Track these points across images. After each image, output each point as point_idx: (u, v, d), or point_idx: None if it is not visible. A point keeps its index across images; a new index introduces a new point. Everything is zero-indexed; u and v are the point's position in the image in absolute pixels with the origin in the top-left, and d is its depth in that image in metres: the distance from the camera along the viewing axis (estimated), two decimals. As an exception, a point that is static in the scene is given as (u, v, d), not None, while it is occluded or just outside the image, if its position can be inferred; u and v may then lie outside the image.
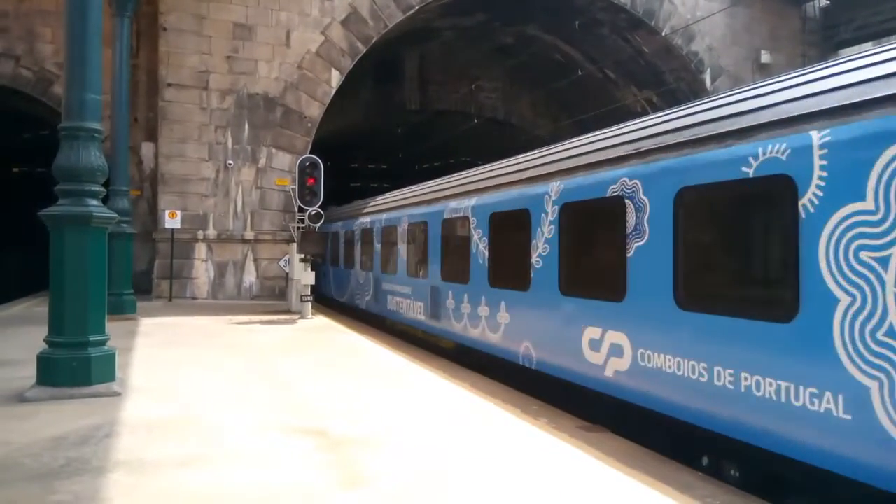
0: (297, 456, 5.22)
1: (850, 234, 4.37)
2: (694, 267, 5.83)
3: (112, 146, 15.37)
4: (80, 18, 7.28)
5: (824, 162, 4.56)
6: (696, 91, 24.08)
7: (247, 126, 20.24)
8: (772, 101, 5.34)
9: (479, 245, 9.84)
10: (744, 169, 5.23)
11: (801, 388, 4.60)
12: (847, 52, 25.18)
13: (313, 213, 16.16)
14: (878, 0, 23.81)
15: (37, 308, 16.00)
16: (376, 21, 21.40)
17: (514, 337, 8.82)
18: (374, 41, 21.48)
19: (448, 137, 31.70)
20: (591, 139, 8.16)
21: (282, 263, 18.41)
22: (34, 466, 4.82)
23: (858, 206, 4.32)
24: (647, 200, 6.32)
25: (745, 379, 5.06)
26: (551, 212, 8.01)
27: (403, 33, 23.93)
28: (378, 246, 15.24)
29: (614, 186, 6.85)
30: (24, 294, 21.18)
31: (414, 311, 12.67)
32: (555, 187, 8.01)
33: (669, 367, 5.84)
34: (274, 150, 20.52)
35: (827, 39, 26.20)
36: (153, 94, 20.12)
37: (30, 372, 7.30)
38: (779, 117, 5.09)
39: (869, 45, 24.75)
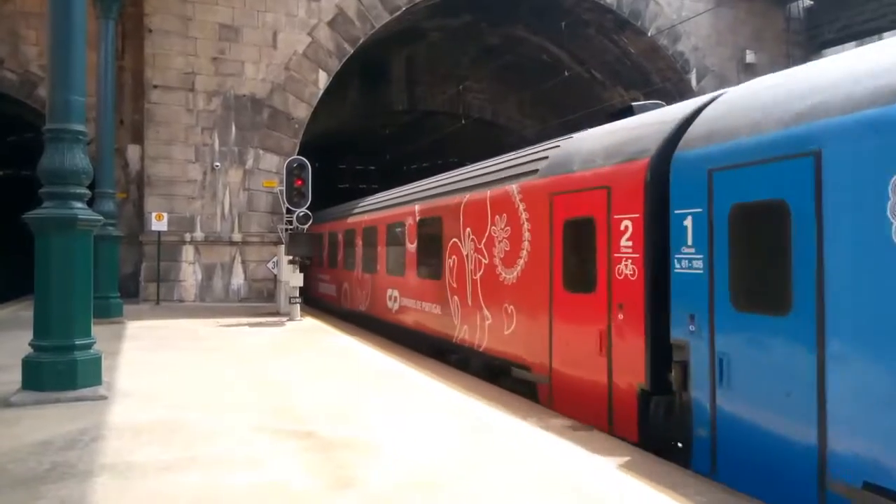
0: (286, 458, 5.21)
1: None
2: None
3: (97, 148, 15.25)
4: (64, 20, 7.24)
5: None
6: (682, 91, 24.20)
7: (234, 128, 20.14)
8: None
9: None
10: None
11: None
12: (831, 52, 25.42)
13: (301, 214, 16.12)
14: (861, 0, 24.03)
15: (22, 312, 15.84)
16: (363, 22, 21.36)
17: None
18: (361, 42, 21.43)
19: (436, 138, 31.72)
20: None
21: (270, 265, 18.35)
22: (19, 471, 4.78)
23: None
24: None
25: None
26: None
27: (390, 34, 23.90)
28: None
29: None
30: (9, 298, 20.97)
31: None
32: None
33: None
34: (261, 152, 20.43)
35: (811, 39, 26.41)
36: (139, 96, 19.99)
37: (15, 376, 7.24)
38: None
39: (852, 44, 25.01)
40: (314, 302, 20.83)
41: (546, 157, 8.54)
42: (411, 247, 12.81)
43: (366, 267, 15.81)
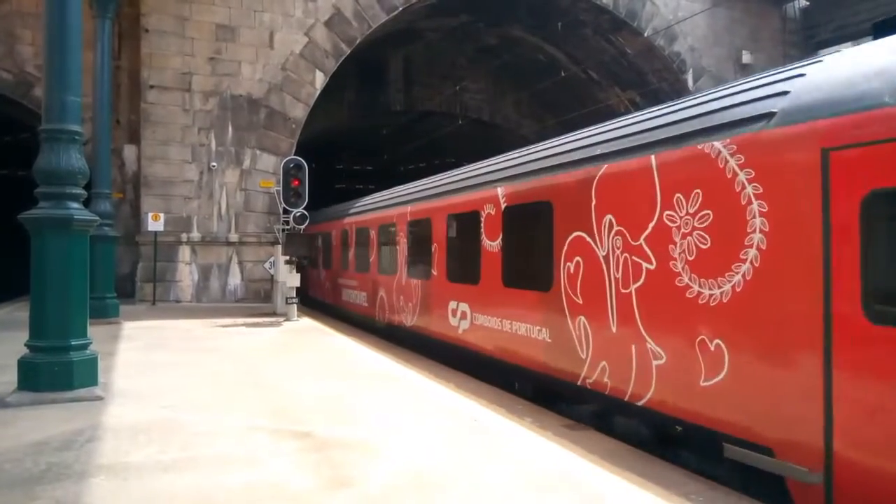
0: (283, 458, 5.20)
1: None
2: None
3: (94, 149, 15.20)
4: (59, 20, 7.23)
5: None
6: (678, 91, 24.25)
7: (230, 128, 20.12)
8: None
9: None
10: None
11: None
12: (826, 52, 25.48)
13: (298, 214, 16.10)
14: (856, 0, 24.12)
15: (18, 313, 15.79)
16: (360, 22, 21.36)
17: None
18: (358, 42, 21.43)
19: (433, 138, 31.73)
20: None
21: (267, 266, 18.33)
22: (15, 472, 4.77)
23: None
24: None
25: None
26: None
27: (387, 34, 23.90)
28: None
29: None
30: (6, 299, 20.91)
31: None
32: None
33: None
34: (258, 152, 20.41)
35: (807, 39, 26.51)
36: (135, 97, 19.95)
37: (11, 377, 7.22)
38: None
39: (848, 44, 25.08)
40: (333, 311, 18.73)
41: (786, 93, 5.19)
42: (492, 244, 9.42)
43: (413, 271, 12.57)
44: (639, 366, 6.29)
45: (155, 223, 18.69)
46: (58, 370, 6.97)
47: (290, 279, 15.48)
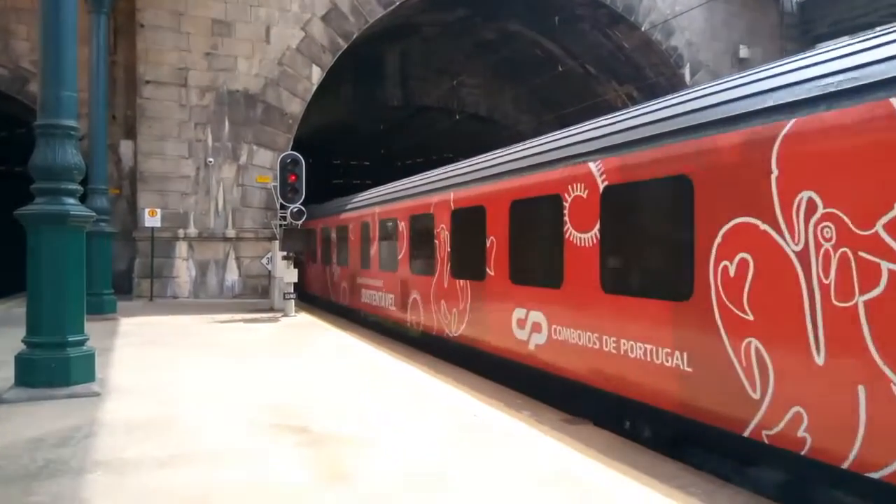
0: (280, 454, 5.20)
1: None
2: None
3: (90, 144, 15.17)
4: (54, 15, 7.19)
5: None
6: (675, 85, 24.24)
7: (227, 123, 20.07)
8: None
9: None
10: None
11: None
12: (823, 46, 25.48)
13: (295, 210, 16.08)
14: (853, -5, 24.15)
15: (16, 309, 15.78)
16: (357, 17, 21.31)
17: None
18: (354, 37, 21.38)
19: (430, 134, 31.71)
20: None
21: (264, 261, 18.32)
22: (12, 468, 4.76)
23: None
24: None
25: None
26: None
27: (384, 29, 23.85)
28: None
29: None
30: (3, 295, 20.87)
31: None
32: None
33: None
34: (255, 147, 20.37)
35: (804, 34, 26.49)
36: (132, 92, 19.89)
37: (8, 373, 7.21)
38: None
39: (846, 38, 25.10)
40: (347, 313, 16.79)
41: None
42: (582, 237, 7.21)
43: (459, 270, 10.50)
44: (873, 419, 4.16)
45: (152, 219, 18.67)
46: (55, 366, 6.96)
47: (288, 275, 15.48)
